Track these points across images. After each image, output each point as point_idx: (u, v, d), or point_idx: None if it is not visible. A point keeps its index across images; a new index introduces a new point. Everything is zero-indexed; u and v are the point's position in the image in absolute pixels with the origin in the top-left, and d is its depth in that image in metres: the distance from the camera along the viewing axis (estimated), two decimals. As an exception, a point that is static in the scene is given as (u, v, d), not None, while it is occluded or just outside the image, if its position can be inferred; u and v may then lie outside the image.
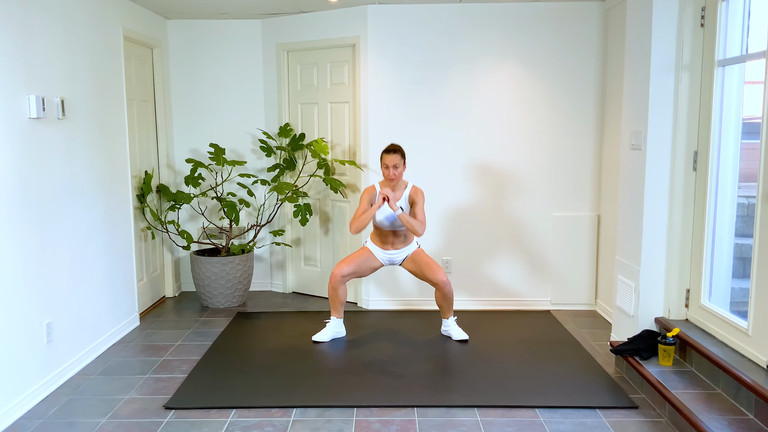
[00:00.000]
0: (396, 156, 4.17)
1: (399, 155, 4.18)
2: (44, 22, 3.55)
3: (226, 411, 3.30)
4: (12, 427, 3.14)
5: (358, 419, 3.21)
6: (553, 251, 5.09)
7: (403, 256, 4.34)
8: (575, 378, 3.69)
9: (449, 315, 4.41)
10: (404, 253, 4.34)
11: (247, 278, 5.28)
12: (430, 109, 4.98)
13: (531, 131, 4.99)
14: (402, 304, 5.18)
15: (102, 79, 4.24)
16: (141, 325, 4.77)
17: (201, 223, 5.61)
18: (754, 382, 2.84)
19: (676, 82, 3.61)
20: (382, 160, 4.20)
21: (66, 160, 3.76)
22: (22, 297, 3.31)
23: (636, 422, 3.15)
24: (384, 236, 4.31)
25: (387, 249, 4.32)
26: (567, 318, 4.90)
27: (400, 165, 4.19)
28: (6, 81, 3.19)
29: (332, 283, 4.28)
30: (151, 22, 5.10)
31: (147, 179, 4.99)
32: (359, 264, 4.30)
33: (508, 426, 3.13)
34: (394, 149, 4.19)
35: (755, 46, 3.24)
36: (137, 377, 3.75)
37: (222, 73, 5.49)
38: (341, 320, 4.43)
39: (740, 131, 3.43)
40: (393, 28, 4.91)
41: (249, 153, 5.57)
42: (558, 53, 4.91)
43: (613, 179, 4.72)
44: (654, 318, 3.80)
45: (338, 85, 5.17)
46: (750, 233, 3.24)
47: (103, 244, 4.23)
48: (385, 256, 4.34)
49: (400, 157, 4.18)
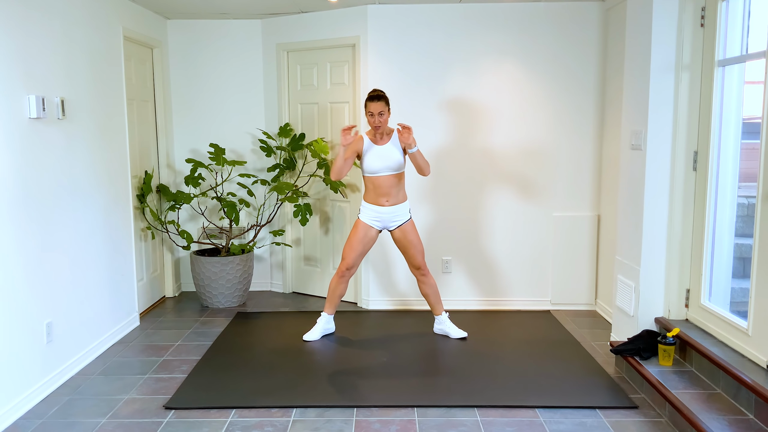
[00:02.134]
0: (380, 103, 4.09)
1: (384, 102, 4.11)
2: (44, 22, 3.55)
3: (226, 411, 3.30)
4: (12, 427, 3.14)
5: (358, 419, 3.21)
6: (553, 251, 5.09)
7: (397, 218, 4.25)
8: (575, 378, 3.69)
9: (440, 311, 4.42)
10: (399, 214, 4.24)
11: (247, 278, 5.28)
12: (430, 108, 4.98)
13: (531, 131, 4.99)
14: (402, 304, 5.18)
15: (102, 79, 4.24)
16: (141, 325, 4.77)
17: (201, 223, 5.61)
18: (754, 382, 2.84)
19: (676, 82, 3.61)
20: (366, 107, 4.12)
21: (66, 160, 3.76)
22: (22, 297, 3.31)
23: (636, 422, 3.15)
24: (379, 188, 4.20)
25: (383, 205, 4.21)
26: (567, 318, 4.90)
27: (386, 111, 4.12)
28: (6, 81, 3.19)
29: (336, 277, 4.29)
30: (151, 23, 5.10)
31: (147, 179, 4.99)
32: (359, 243, 4.26)
33: (508, 426, 3.13)
34: (378, 95, 4.11)
35: (755, 46, 3.24)
36: (137, 377, 3.75)
37: (222, 73, 5.49)
38: (332, 317, 4.44)
39: (740, 131, 3.43)
40: (393, 28, 4.91)
41: (249, 153, 5.57)
42: (558, 53, 4.91)
43: (613, 179, 4.72)
44: (654, 318, 3.80)
45: (338, 85, 5.17)
46: (750, 233, 3.24)
47: (103, 244, 4.23)
48: (378, 217, 4.23)
49: (384, 104, 4.11)
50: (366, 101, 4.14)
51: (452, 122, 4.99)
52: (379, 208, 4.22)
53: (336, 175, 4.15)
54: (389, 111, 4.16)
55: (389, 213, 4.24)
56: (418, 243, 4.31)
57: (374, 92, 4.14)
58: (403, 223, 4.28)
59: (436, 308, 4.43)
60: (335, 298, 4.38)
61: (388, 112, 4.15)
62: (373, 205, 4.24)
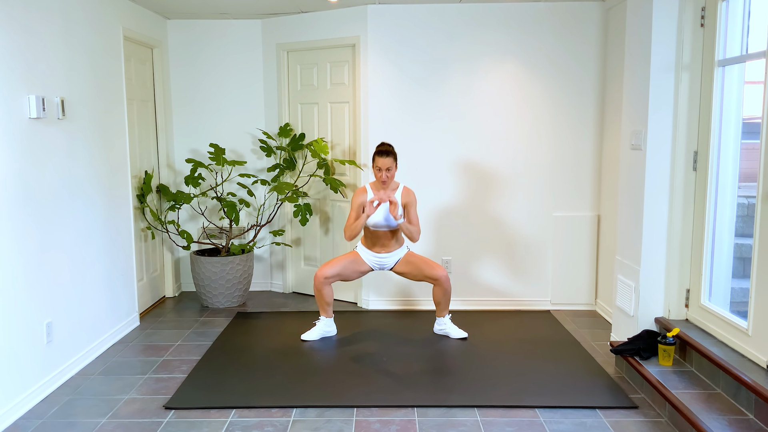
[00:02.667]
0: (389, 159, 4.14)
1: (392, 158, 4.15)
2: (44, 22, 3.55)
3: (226, 411, 3.30)
4: (12, 427, 3.14)
5: (358, 419, 3.21)
6: (553, 251, 5.09)
7: (394, 260, 4.32)
8: (575, 378, 3.69)
9: (445, 313, 4.42)
10: (395, 256, 4.32)
11: (247, 278, 5.28)
12: (430, 108, 4.98)
13: (531, 131, 4.99)
14: (402, 304, 5.18)
15: (102, 79, 4.24)
16: (141, 325, 4.77)
17: (201, 223, 5.61)
18: (754, 382, 2.84)
19: (676, 82, 3.61)
20: (375, 162, 4.17)
21: (66, 160, 3.76)
22: (22, 297, 3.31)
23: (636, 422, 3.15)
24: (375, 238, 4.28)
25: (377, 252, 4.29)
26: (567, 318, 4.90)
27: (393, 167, 4.16)
28: (6, 81, 3.19)
29: (316, 284, 4.27)
30: (151, 22, 5.10)
31: (147, 179, 4.99)
32: (344, 266, 4.27)
33: (508, 426, 3.13)
34: (387, 151, 4.14)
35: (755, 46, 3.24)
36: (137, 377, 3.75)
37: (222, 73, 5.49)
38: (331, 319, 4.42)
39: (740, 131, 3.43)
40: (393, 28, 4.91)
41: (249, 153, 5.57)
42: (558, 53, 4.91)
43: (613, 179, 4.72)
44: (654, 318, 3.80)
45: (338, 85, 5.17)
46: (750, 233, 3.24)
47: (103, 244, 4.23)
48: (374, 260, 4.31)
49: (392, 160, 4.15)
50: (374, 155, 4.18)
51: (452, 122, 4.99)
52: (373, 254, 4.31)
53: (349, 236, 4.16)
54: (396, 166, 4.20)
55: (383, 258, 4.31)
56: (428, 259, 4.33)
57: (383, 147, 4.17)
58: (401, 257, 4.32)
59: (441, 311, 4.43)
60: (324, 302, 4.34)
61: (396, 166, 4.19)
62: (367, 249, 4.32)
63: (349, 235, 4.17)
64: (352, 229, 4.16)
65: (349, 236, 4.17)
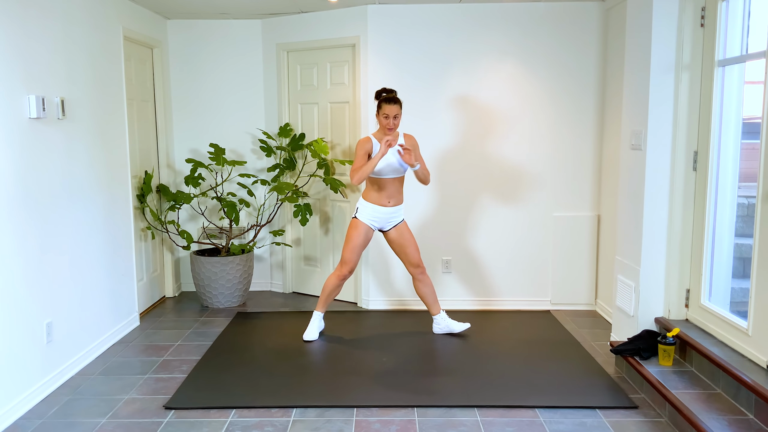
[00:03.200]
0: (396, 106, 4.07)
1: (399, 105, 4.09)
2: (44, 22, 3.55)
3: (226, 411, 3.30)
4: (12, 427, 3.14)
5: (358, 419, 3.21)
6: (553, 251, 5.09)
7: (395, 218, 4.29)
8: (575, 378, 3.69)
9: (438, 309, 4.43)
10: (397, 214, 4.29)
11: (247, 278, 5.28)
12: (430, 108, 4.98)
13: (531, 131, 4.99)
14: (402, 304, 5.18)
15: (102, 79, 4.24)
16: (141, 325, 4.77)
17: (201, 223, 5.61)
18: (754, 382, 2.84)
19: (676, 82, 3.61)
20: (382, 109, 4.08)
21: (66, 160, 3.76)
22: (22, 297, 3.31)
23: (636, 422, 3.15)
24: (384, 189, 4.20)
25: (386, 205, 4.22)
26: (567, 318, 4.90)
27: (400, 114, 4.11)
28: (6, 81, 3.19)
29: (337, 282, 4.30)
30: (151, 22, 5.10)
31: (147, 179, 4.99)
32: (360, 249, 4.28)
33: (508, 426, 3.13)
34: (395, 98, 4.08)
35: (755, 46, 3.24)
36: (137, 377, 3.75)
37: (222, 73, 5.49)
38: (322, 314, 4.47)
39: (740, 131, 3.43)
40: (393, 28, 4.91)
41: (249, 153, 5.57)
42: (558, 53, 4.91)
43: (613, 179, 4.72)
44: (654, 318, 3.80)
45: (338, 85, 5.17)
46: (750, 233, 3.24)
47: (103, 244, 4.23)
48: (379, 217, 4.23)
49: (399, 107, 4.09)
50: (381, 102, 4.08)
51: (452, 122, 4.99)
52: (381, 208, 4.23)
53: (359, 179, 4.06)
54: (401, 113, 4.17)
55: (389, 213, 4.25)
56: (414, 241, 4.36)
57: (390, 94, 4.10)
58: (398, 223, 4.32)
59: (433, 308, 4.43)
60: (330, 298, 4.39)
61: (401, 114, 4.16)
62: (375, 204, 4.23)
63: (358, 178, 4.04)
64: (363, 170, 4.04)
65: (358, 179, 4.05)
